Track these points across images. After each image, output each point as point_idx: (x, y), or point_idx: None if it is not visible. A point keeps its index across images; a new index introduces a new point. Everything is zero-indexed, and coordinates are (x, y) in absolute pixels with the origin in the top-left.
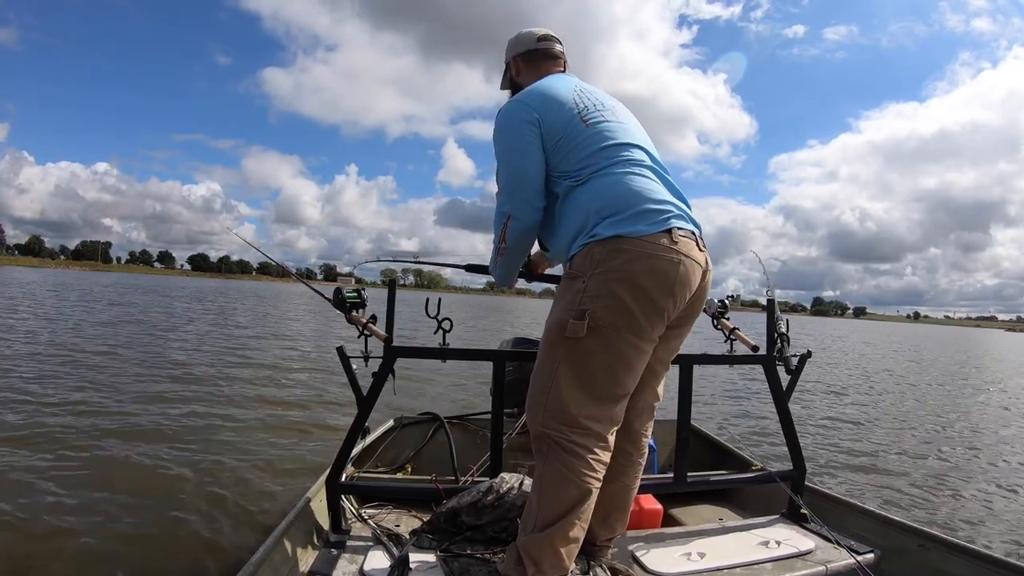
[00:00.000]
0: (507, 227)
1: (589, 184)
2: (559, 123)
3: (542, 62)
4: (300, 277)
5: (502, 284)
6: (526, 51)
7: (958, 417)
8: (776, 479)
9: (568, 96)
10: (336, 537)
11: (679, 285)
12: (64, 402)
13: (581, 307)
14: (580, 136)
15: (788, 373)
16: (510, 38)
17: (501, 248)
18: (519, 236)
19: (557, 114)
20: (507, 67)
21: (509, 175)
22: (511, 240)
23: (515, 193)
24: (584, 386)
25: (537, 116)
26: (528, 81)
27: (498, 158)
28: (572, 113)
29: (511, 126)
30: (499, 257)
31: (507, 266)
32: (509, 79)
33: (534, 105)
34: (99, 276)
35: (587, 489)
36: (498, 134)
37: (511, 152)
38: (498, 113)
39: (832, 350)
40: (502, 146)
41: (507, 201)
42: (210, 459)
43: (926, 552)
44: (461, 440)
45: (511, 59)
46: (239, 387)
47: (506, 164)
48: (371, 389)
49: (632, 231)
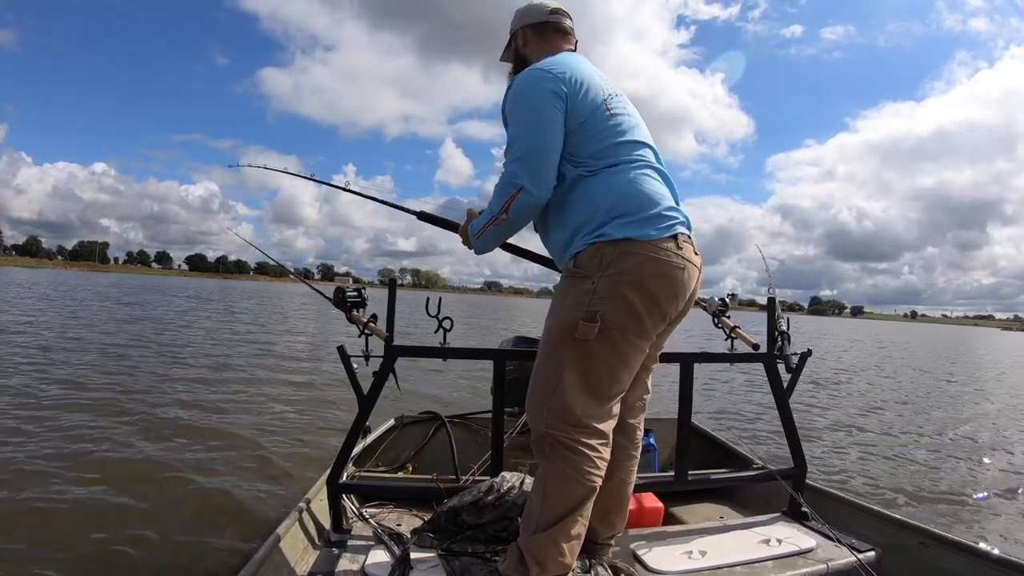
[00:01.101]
0: (514, 199)
1: (601, 177)
2: (586, 106)
3: (552, 36)
4: (302, 277)
5: (479, 253)
6: (536, 22)
7: (938, 414)
8: (777, 477)
9: (596, 80)
10: (337, 536)
11: (683, 289)
12: (65, 401)
13: (591, 308)
14: (603, 124)
15: (788, 371)
16: (518, 8)
17: (499, 218)
18: (524, 211)
19: (585, 97)
20: (512, 37)
21: (529, 146)
22: (514, 213)
23: (532, 166)
24: (589, 387)
25: (567, 91)
26: (536, 54)
27: (516, 125)
28: (599, 99)
29: (538, 94)
30: (491, 226)
31: (495, 237)
32: (514, 51)
33: (563, 78)
34: (98, 277)
35: (592, 487)
36: (520, 100)
37: (534, 121)
38: (521, 77)
39: (819, 348)
40: (525, 113)
41: (522, 172)
42: (210, 459)
43: (926, 550)
44: (462, 439)
45: (519, 29)
46: (239, 386)
47: (526, 133)
48: (372, 388)
49: (643, 235)
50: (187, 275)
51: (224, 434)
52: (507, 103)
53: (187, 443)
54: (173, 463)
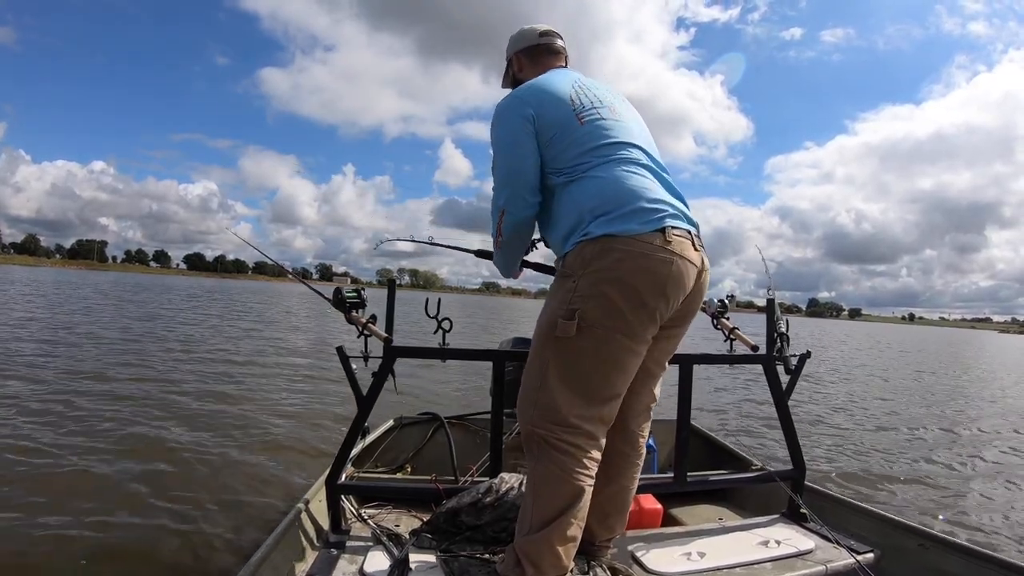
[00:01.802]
0: (502, 220)
1: (583, 182)
2: (554, 119)
3: (544, 58)
4: (301, 278)
5: (505, 275)
6: (528, 47)
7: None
8: (776, 479)
9: (565, 92)
10: (336, 537)
11: (671, 285)
12: (64, 399)
13: (571, 306)
14: (575, 133)
15: (788, 373)
16: (511, 35)
17: (498, 241)
18: (513, 229)
19: (553, 110)
20: (509, 64)
21: (503, 169)
22: (506, 234)
23: (508, 187)
24: (574, 386)
25: (532, 112)
26: (530, 77)
27: (495, 152)
28: (568, 110)
29: (506, 121)
30: (497, 251)
31: (506, 258)
32: (511, 76)
33: (529, 101)
34: (97, 275)
35: (580, 488)
36: (494, 128)
37: (505, 147)
38: (498, 105)
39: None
40: (497, 140)
41: (501, 195)
42: (209, 459)
43: (926, 552)
44: (461, 440)
45: (513, 55)
46: (239, 385)
47: (500, 158)
48: (371, 389)
49: (623, 230)
50: (185, 274)
51: (223, 434)
52: (490, 132)
53: (187, 443)
54: (170, 463)
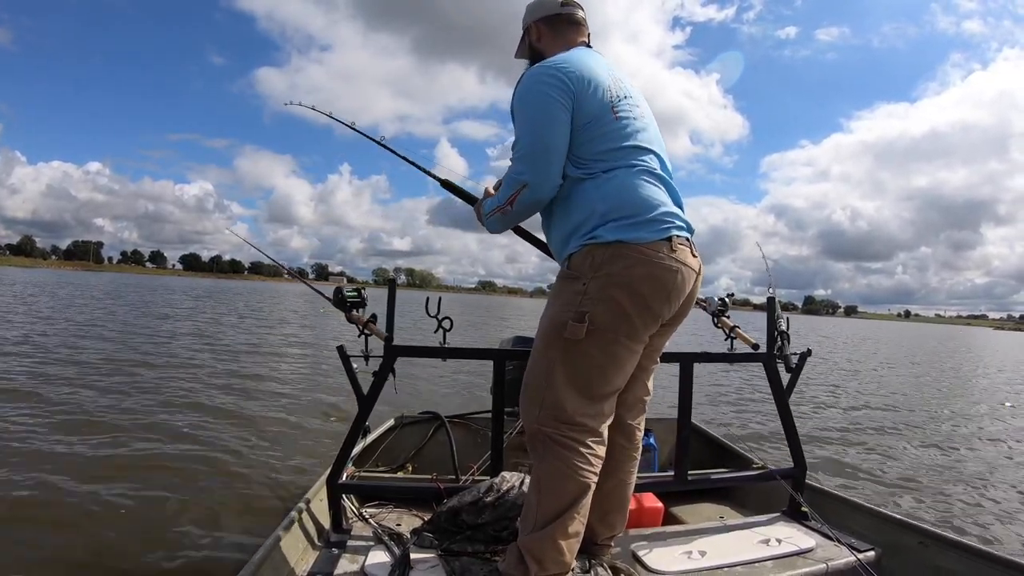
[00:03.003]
0: (519, 194)
1: (599, 181)
2: (591, 107)
3: (565, 28)
4: (301, 277)
5: (490, 231)
6: (548, 15)
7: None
8: (777, 477)
9: (605, 80)
10: (337, 536)
11: (676, 292)
12: (65, 398)
13: (581, 309)
14: (607, 128)
15: (788, 371)
16: (529, 3)
17: (505, 208)
18: (527, 206)
19: (592, 97)
20: (526, 32)
21: (533, 144)
22: (518, 207)
23: (536, 163)
24: (578, 385)
25: (574, 89)
26: (550, 48)
27: (522, 123)
28: (605, 101)
29: (543, 93)
30: (497, 212)
31: (501, 224)
32: (527, 45)
33: (572, 78)
34: (94, 276)
35: (585, 483)
36: (526, 98)
37: (539, 120)
38: (529, 73)
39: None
40: (530, 112)
41: (527, 170)
42: (210, 459)
43: (926, 549)
44: (462, 439)
45: (532, 24)
46: (239, 385)
47: (531, 131)
48: (371, 388)
49: (635, 238)
50: (181, 274)
51: (223, 434)
52: (515, 99)
53: (185, 443)
54: (172, 463)
